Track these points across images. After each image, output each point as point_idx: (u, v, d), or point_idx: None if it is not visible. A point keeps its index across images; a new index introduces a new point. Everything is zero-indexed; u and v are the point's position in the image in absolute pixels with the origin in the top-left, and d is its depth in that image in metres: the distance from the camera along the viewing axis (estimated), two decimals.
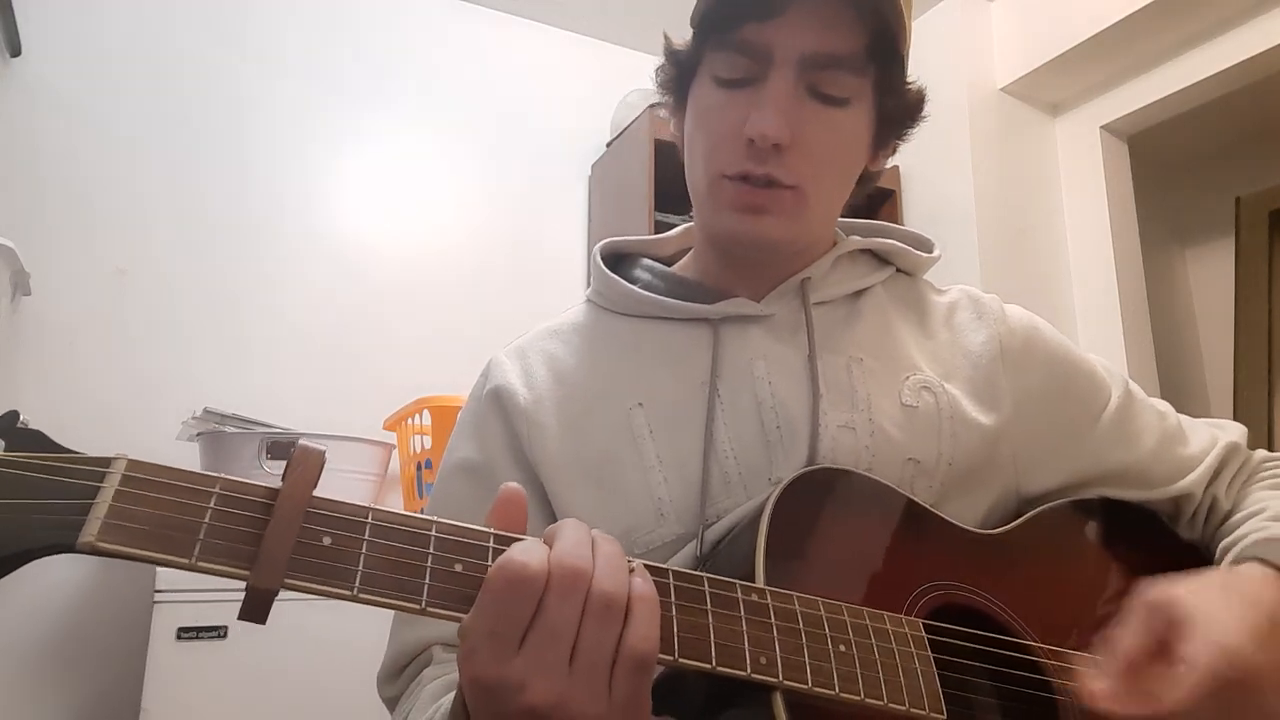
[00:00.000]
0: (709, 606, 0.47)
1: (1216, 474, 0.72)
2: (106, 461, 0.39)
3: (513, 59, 2.46)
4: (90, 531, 0.37)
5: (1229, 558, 0.64)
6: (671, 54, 0.70)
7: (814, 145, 0.63)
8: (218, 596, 1.42)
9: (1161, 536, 0.73)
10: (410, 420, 1.78)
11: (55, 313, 1.82)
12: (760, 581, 0.50)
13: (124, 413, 1.81)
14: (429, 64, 2.35)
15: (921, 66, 0.70)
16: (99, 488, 0.38)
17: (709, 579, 0.48)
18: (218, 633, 1.41)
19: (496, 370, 0.72)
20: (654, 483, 0.63)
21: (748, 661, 0.46)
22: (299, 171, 2.13)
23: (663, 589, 0.46)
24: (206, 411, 1.72)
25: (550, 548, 0.42)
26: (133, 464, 0.39)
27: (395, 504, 1.66)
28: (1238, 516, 0.69)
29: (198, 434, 1.66)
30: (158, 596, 1.39)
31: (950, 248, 2.16)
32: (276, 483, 0.41)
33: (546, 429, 0.67)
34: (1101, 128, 2.23)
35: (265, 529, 0.40)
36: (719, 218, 0.66)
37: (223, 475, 0.41)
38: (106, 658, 1.72)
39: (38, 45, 1.89)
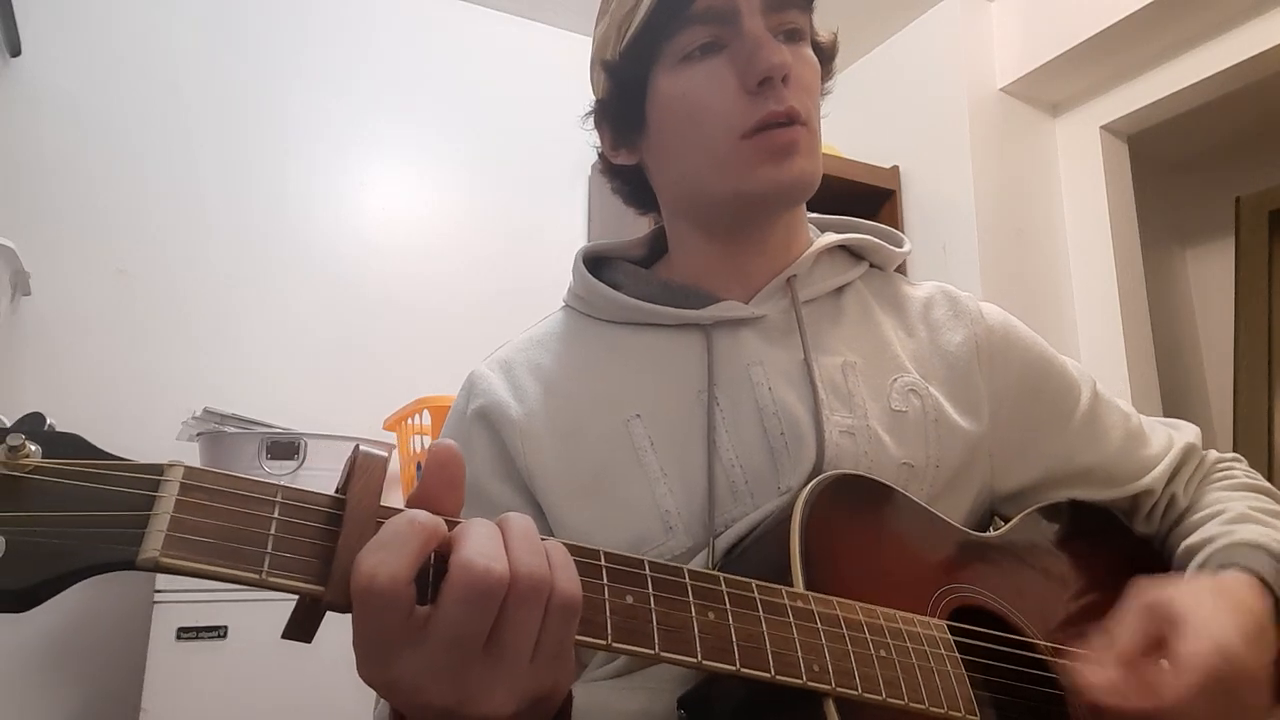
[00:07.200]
0: (761, 613, 0.45)
1: (1175, 472, 0.73)
2: (160, 469, 0.36)
3: (513, 58, 2.46)
4: (152, 546, 0.33)
5: (1199, 559, 0.65)
6: (614, 71, 0.67)
7: (803, 79, 0.64)
8: (218, 596, 1.42)
9: (1136, 538, 0.74)
10: (410, 420, 1.77)
11: (56, 313, 1.82)
12: (799, 587, 0.49)
13: (124, 413, 1.81)
14: (430, 64, 2.34)
15: (921, 66, 0.70)
16: (155, 497, 0.35)
17: (757, 585, 0.47)
18: (218, 633, 1.41)
19: (481, 384, 0.69)
20: (660, 494, 0.62)
21: (802, 669, 0.45)
22: (299, 172, 2.13)
23: (715, 596, 0.45)
24: (206, 411, 1.72)
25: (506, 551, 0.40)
26: (190, 471, 0.36)
27: (395, 504, 1.66)
28: (1197, 516, 0.70)
29: (198, 434, 1.66)
30: (158, 596, 1.39)
31: (950, 248, 2.16)
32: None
33: (540, 441, 0.65)
34: (1101, 128, 2.22)
35: (336, 541, 0.37)
36: (752, 179, 0.63)
37: (281, 484, 0.38)
38: (106, 658, 1.71)
39: (38, 45, 1.89)
